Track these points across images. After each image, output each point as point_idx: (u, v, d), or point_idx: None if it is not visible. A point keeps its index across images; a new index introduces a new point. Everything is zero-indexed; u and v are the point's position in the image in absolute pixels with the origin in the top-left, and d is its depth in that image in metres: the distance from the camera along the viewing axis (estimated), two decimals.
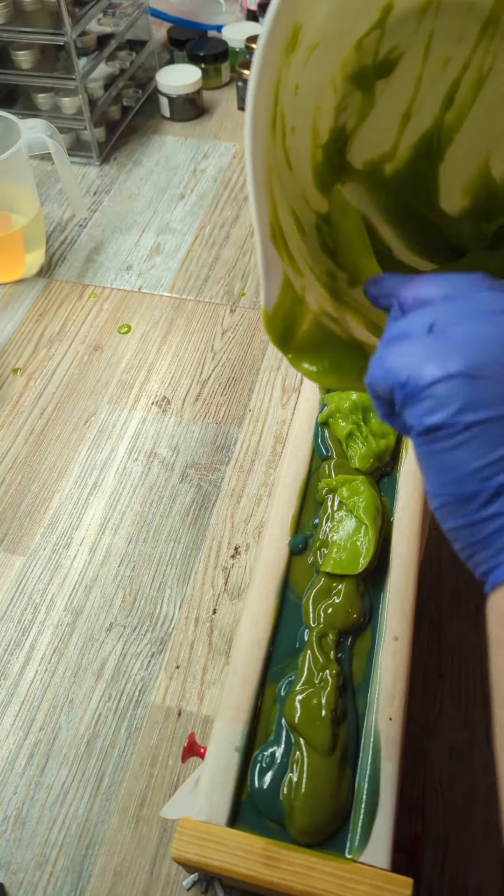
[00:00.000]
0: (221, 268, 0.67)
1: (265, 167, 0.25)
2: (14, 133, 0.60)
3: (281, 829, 0.30)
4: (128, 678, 0.42)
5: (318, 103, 0.28)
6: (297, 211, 0.29)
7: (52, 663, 0.43)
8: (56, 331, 0.62)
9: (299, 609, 0.35)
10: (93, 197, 0.75)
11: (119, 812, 0.38)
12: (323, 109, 0.28)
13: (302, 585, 0.36)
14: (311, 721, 0.31)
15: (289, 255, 0.27)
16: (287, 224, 0.27)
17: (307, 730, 0.31)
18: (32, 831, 0.37)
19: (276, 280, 0.27)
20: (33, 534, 0.49)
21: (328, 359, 0.29)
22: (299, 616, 0.35)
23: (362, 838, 0.29)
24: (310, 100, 0.27)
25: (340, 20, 0.25)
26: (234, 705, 0.32)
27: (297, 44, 0.24)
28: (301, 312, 0.29)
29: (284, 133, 0.26)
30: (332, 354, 0.29)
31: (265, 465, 0.52)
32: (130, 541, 0.48)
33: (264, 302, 0.27)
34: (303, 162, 0.28)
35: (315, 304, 0.29)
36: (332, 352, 0.30)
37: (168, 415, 0.55)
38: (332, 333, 0.30)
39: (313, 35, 0.25)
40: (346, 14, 0.25)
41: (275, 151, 0.26)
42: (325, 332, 0.30)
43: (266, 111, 0.24)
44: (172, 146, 0.81)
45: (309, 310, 0.29)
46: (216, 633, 0.44)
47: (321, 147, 0.29)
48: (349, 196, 0.31)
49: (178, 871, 0.36)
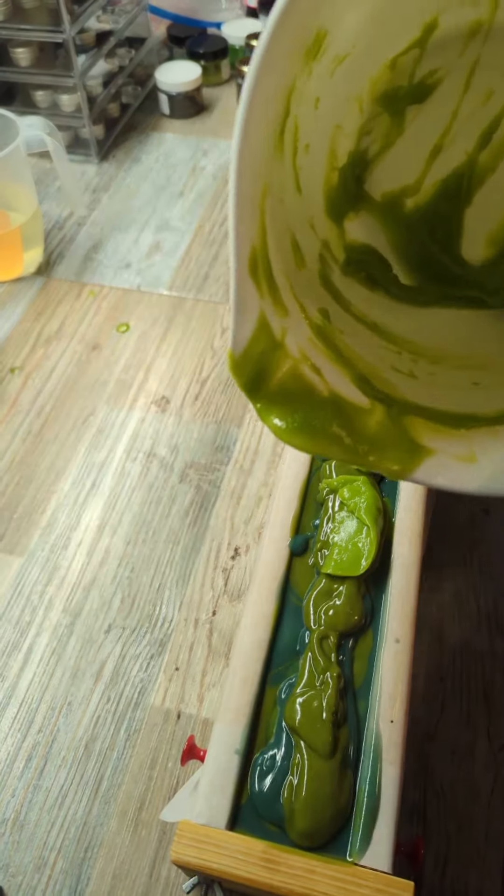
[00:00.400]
0: (221, 266, 0.67)
1: (258, 186, 0.22)
2: (12, 131, 0.60)
3: (281, 832, 0.30)
4: (127, 680, 0.42)
5: (340, 122, 0.25)
6: (300, 237, 0.26)
7: (50, 665, 0.43)
8: (54, 329, 0.62)
9: (300, 611, 0.35)
10: (91, 195, 0.75)
11: (118, 815, 0.37)
12: (345, 129, 0.26)
13: (302, 587, 0.36)
14: (311, 724, 0.31)
15: (271, 290, 0.24)
16: (280, 253, 0.25)
17: (308, 732, 0.31)
18: (31, 834, 0.37)
19: (249, 319, 0.24)
20: (31, 535, 0.49)
21: (300, 414, 0.26)
22: (300, 618, 0.35)
23: (363, 841, 0.29)
24: (331, 116, 0.25)
25: (374, 33, 0.23)
26: (234, 708, 0.32)
27: (321, 52, 0.22)
28: (277, 358, 0.25)
29: (296, 149, 0.24)
30: (306, 410, 0.26)
31: (265, 465, 0.52)
32: (129, 542, 0.48)
33: (231, 343, 0.24)
34: (315, 184, 0.26)
35: (296, 350, 0.26)
36: (306, 407, 0.26)
37: (167, 414, 0.55)
38: (310, 386, 0.26)
39: (341, 45, 0.22)
40: (382, 27, 0.23)
41: (281, 169, 0.23)
42: (302, 384, 0.26)
43: (265, 119, 0.21)
44: (172, 144, 0.81)
45: (288, 355, 0.26)
46: (216, 634, 0.44)
47: (338, 170, 0.27)
48: (360, 227, 0.29)
49: (178, 875, 0.36)
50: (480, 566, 0.46)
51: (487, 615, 0.44)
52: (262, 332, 0.24)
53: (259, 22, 0.90)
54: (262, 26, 0.89)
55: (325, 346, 0.27)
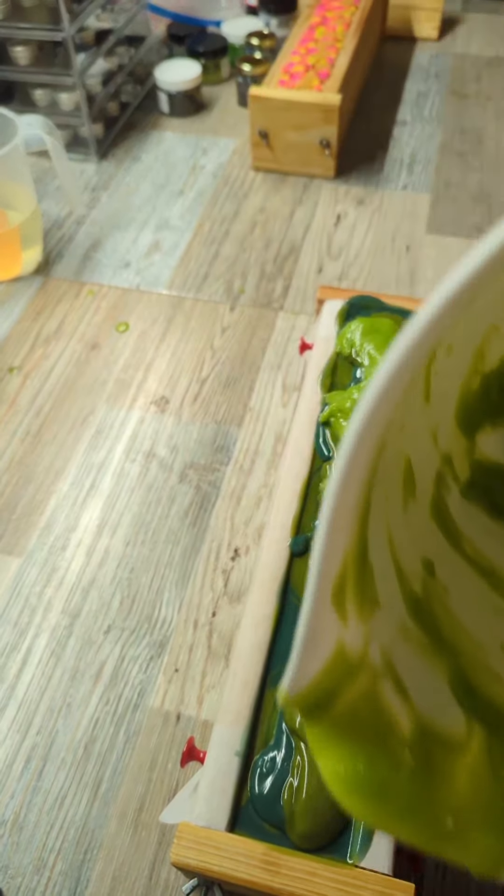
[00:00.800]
0: (221, 265, 0.66)
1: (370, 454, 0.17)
2: (11, 129, 0.60)
3: (281, 833, 0.30)
4: (126, 682, 0.42)
5: (499, 321, 0.21)
6: (416, 457, 0.21)
7: (49, 667, 0.42)
8: (53, 329, 0.62)
9: (300, 612, 0.35)
10: (91, 193, 0.75)
11: (117, 817, 0.37)
12: (502, 330, 0.22)
13: (303, 588, 0.36)
14: None
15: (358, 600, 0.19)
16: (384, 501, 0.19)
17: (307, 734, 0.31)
18: (30, 836, 0.37)
19: (320, 655, 0.18)
20: (29, 535, 0.48)
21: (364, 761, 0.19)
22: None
23: (364, 843, 0.29)
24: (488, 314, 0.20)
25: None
26: (234, 709, 0.32)
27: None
28: (352, 677, 0.19)
29: (434, 355, 0.19)
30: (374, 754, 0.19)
31: (265, 465, 0.51)
32: (128, 542, 0.48)
33: (289, 684, 0.18)
34: (449, 389, 0.22)
35: (379, 657, 0.19)
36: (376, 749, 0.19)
37: (167, 414, 0.55)
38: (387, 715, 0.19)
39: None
40: None
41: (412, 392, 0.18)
42: (377, 711, 0.19)
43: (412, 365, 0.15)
44: (171, 142, 0.81)
45: (367, 667, 0.19)
46: (216, 636, 0.43)
47: (482, 375, 0.22)
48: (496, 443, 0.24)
49: (178, 877, 0.35)
50: None
51: None
52: (335, 662, 0.19)
53: (258, 20, 0.90)
54: (261, 25, 0.89)
55: (420, 629, 0.21)
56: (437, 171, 0.75)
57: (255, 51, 0.84)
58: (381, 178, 0.74)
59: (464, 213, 0.70)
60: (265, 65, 0.81)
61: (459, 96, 0.86)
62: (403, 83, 0.88)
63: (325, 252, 0.67)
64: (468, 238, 0.68)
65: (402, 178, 0.75)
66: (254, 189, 0.74)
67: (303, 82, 0.72)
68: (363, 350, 0.43)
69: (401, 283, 0.64)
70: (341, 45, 0.77)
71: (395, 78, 0.89)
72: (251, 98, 0.70)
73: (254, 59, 0.81)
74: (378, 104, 0.85)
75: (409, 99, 0.85)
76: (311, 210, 0.71)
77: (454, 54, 0.92)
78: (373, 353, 0.42)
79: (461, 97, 0.85)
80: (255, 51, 0.84)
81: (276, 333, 0.60)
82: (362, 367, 0.43)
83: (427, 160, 0.77)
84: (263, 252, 0.67)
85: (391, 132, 0.80)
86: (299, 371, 0.57)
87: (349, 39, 0.78)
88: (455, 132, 0.80)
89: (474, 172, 0.75)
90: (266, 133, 0.72)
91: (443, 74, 0.89)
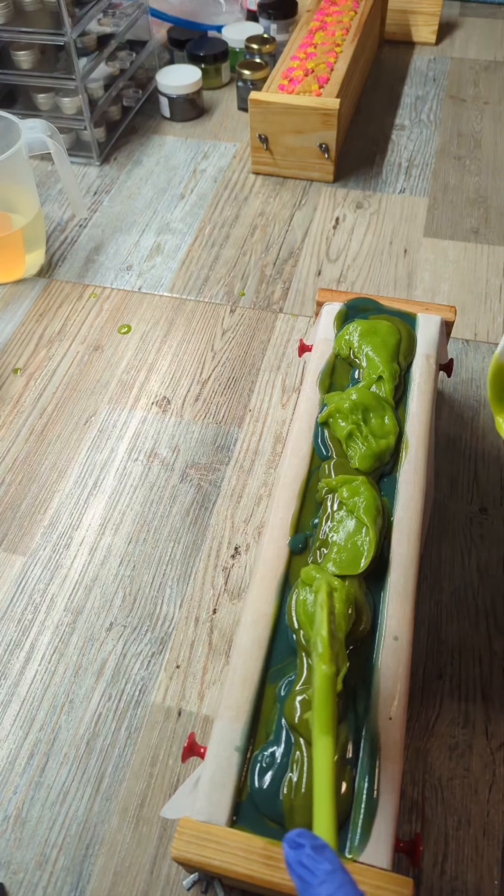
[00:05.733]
0: (221, 268, 0.67)
1: None
2: (14, 133, 0.60)
3: (281, 828, 0.30)
4: (128, 678, 0.42)
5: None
6: None
7: (52, 663, 0.43)
8: (56, 331, 0.62)
9: None
10: (93, 197, 0.75)
11: (119, 812, 0.38)
12: None
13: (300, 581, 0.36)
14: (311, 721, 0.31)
15: None
16: None
17: (307, 730, 0.31)
18: (32, 831, 0.37)
19: None
20: (33, 534, 0.49)
21: None
22: None
23: (362, 838, 0.29)
24: None
25: None
26: (235, 705, 0.32)
27: None
28: None
29: None
30: None
31: (265, 465, 0.52)
32: (130, 541, 0.48)
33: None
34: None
35: None
36: None
37: (168, 415, 0.55)
38: None
39: None
40: None
41: None
42: None
43: None
44: (172, 146, 0.81)
45: None
46: (216, 632, 0.44)
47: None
48: None
49: (179, 871, 0.36)
50: (479, 565, 0.46)
51: (486, 614, 0.44)
52: None
53: (259, 25, 0.90)
54: (261, 29, 0.89)
55: None
56: (435, 174, 0.76)
57: (255, 55, 0.85)
58: (380, 182, 0.75)
59: (461, 217, 0.71)
60: (265, 69, 0.82)
61: (457, 100, 0.86)
62: (402, 87, 0.88)
63: (324, 255, 0.68)
64: (465, 241, 0.68)
65: (400, 181, 0.75)
66: (254, 193, 0.75)
67: (302, 87, 0.72)
68: (361, 351, 0.43)
69: (398, 285, 0.65)
70: (340, 49, 0.78)
71: (393, 82, 0.89)
72: (251, 102, 0.71)
73: (254, 63, 0.82)
74: (376, 108, 0.85)
75: (408, 103, 0.86)
76: (310, 213, 0.72)
77: (452, 59, 0.93)
78: (370, 355, 0.43)
79: (459, 101, 0.86)
80: (255, 55, 0.85)
81: (276, 335, 0.61)
82: (360, 369, 0.43)
83: (425, 164, 0.77)
84: (263, 255, 0.68)
85: (389, 136, 0.81)
86: (298, 372, 0.58)
87: (348, 44, 0.78)
88: (453, 136, 0.81)
89: (471, 176, 0.76)
90: (266, 137, 0.73)
91: (440, 79, 0.90)
